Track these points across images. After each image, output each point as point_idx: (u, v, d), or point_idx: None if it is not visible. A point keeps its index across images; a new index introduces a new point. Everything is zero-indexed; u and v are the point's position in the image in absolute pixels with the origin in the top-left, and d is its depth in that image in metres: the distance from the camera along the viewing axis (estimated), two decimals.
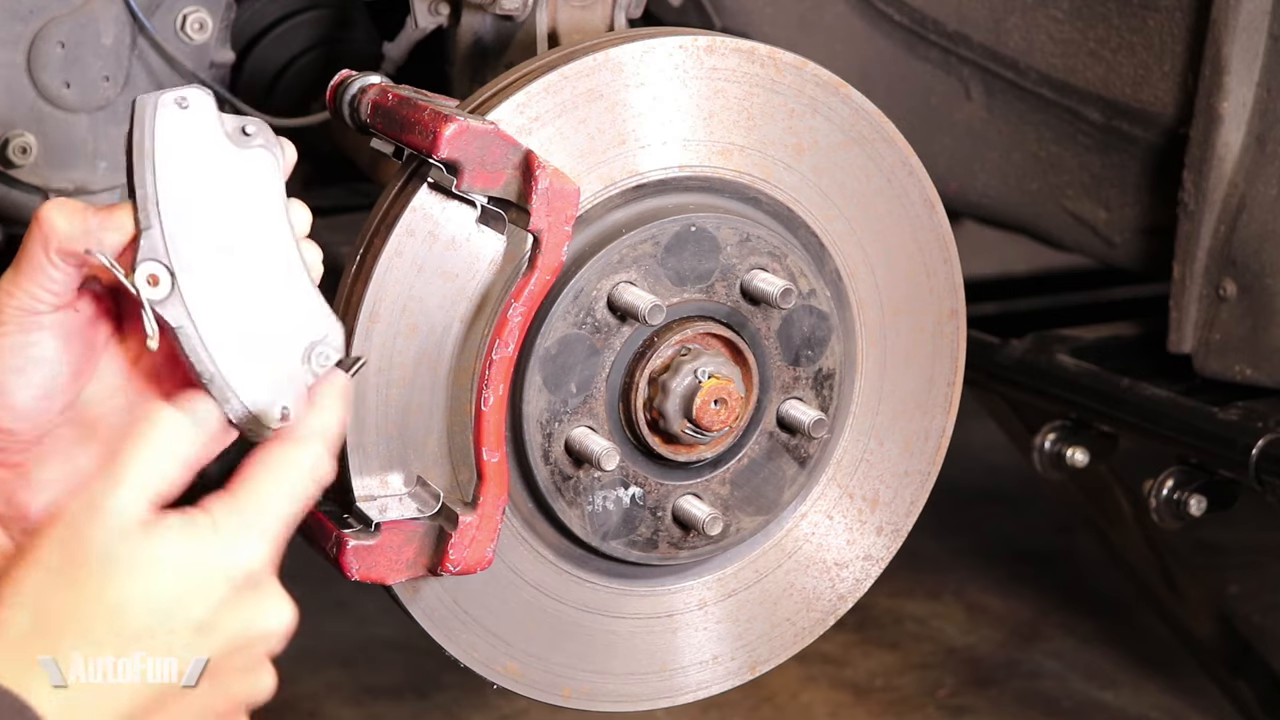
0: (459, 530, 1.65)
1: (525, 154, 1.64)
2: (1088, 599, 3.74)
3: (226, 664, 1.32)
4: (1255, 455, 2.48)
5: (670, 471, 1.78)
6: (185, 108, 1.45)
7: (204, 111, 1.46)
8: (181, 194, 1.44)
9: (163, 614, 1.29)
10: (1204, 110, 2.46)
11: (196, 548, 1.31)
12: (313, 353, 1.49)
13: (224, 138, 1.46)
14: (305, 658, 3.37)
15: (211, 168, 1.46)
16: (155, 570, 1.28)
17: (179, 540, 1.30)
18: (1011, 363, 2.82)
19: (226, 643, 1.32)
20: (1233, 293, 2.49)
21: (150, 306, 1.42)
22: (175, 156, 1.44)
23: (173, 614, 1.29)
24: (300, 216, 1.51)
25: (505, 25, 2.15)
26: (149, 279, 1.42)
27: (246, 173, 1.47)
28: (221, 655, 1.32)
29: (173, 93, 1.45)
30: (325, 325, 1.49)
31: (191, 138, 1.45)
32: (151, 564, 1.28)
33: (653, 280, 1.72)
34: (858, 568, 1.95)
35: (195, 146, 1.45)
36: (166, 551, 1.29)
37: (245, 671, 1.34)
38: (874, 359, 1.90)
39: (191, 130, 1.45)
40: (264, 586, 1.34)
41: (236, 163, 1.47)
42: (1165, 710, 3.31)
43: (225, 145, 1.46)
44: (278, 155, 1.49)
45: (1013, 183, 2.78)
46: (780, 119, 1.80)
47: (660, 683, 1.89)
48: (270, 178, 1.48)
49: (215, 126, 1.46)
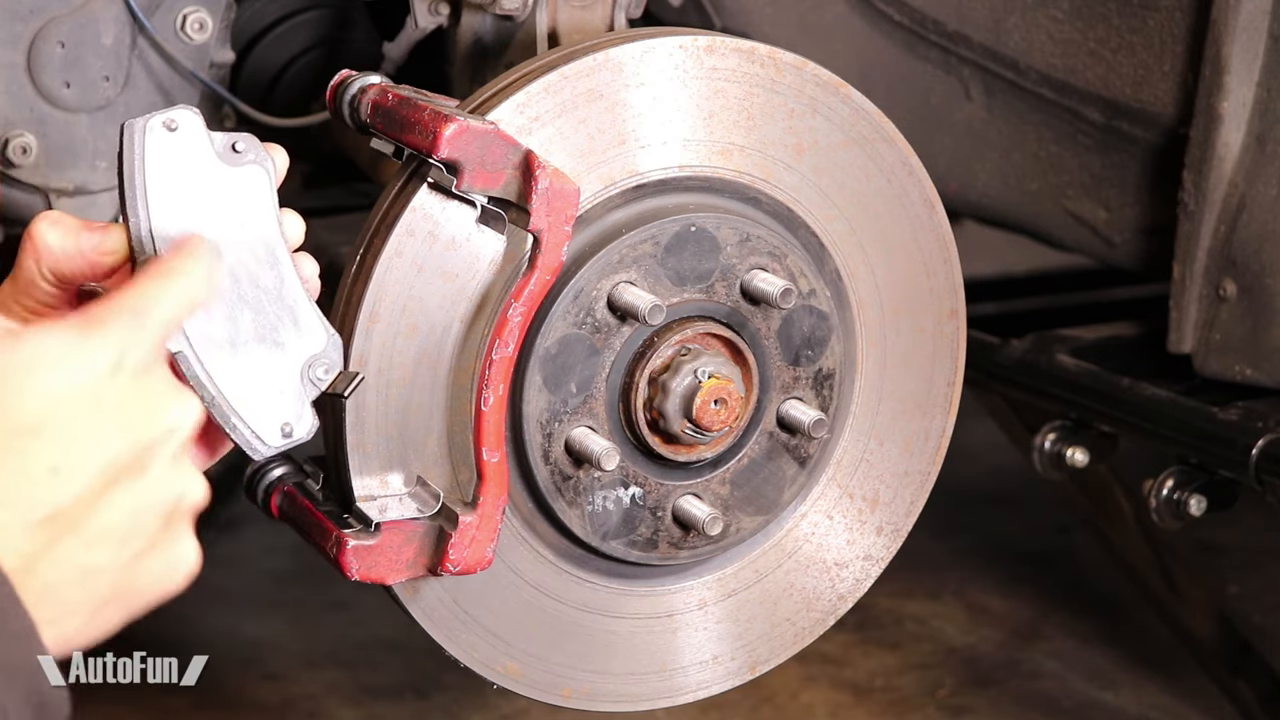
0: (459, 530, 1.65)
1: (525, 154, 1.64)
2: (1088, 599, 3.74)
3: (131, 460, 1.23)
4: (1255, 455, 2.48)
5: (670, 471, 1.78)
6: (174, 130, 1.46)
7: (193, 132, 1.46)
8: (175, 218, 1.44)
9: (50, 407, 1.20)
10: (1204, 110, 2.46)
11: (70, 338, 1.23)
12: (312, 367, 1.49)
13: (214, 157, 1.47)
14: (305, 658, 3.37)
15: (203, 188, 1.46)
16: (33, 369, 1.21)
17: (50, 336, 1.22)
18: (1011, 363, 2.82)
19: (121, 432, 1.22)
20: (1233, 293, 2.49)
21: None
22: (166, 180, 1.45)
23: (59, 406, 1.20)
24: (294, 227, 1.51)
25: (505, 25, 2.15)
26: None
27: (238, 191, 1.48)
28: (122, 452, 1.22)
29: (160, 115, 1.45)
30: (323, 340, 1.50)
31: (181, 160, 1.45)
32: (27, 364, 1.20)
33: (653, 280, 1.72)
34: (858, 568, 1.95)
35: (186, 168, 1.46)
36: (39, 349, 1.21)
37: (167, 466, 1.25)
38: (874, 359, 1.90)
39: (181, 152, 1.46)
40: (154, 377, 1.26)
41: (228, 181, 1.47)
42: (1165, 710, 3.30)
43: (216, 164, 1.47)
44: (269, 169, 1.49)
45: (1013, 183, 2.78)
46: (780, 119, 1.80)
47: (660, 683, 1.89)
48: (262, 194, 1.49)
49: (205, 146, 1.47)
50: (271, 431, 1.47)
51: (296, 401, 1.48)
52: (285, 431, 1.48)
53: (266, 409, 1.47)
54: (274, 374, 1.48)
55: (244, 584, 3.65)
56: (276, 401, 1.48)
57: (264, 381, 1.47)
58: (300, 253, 1.53)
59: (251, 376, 1.46)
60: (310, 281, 1.52)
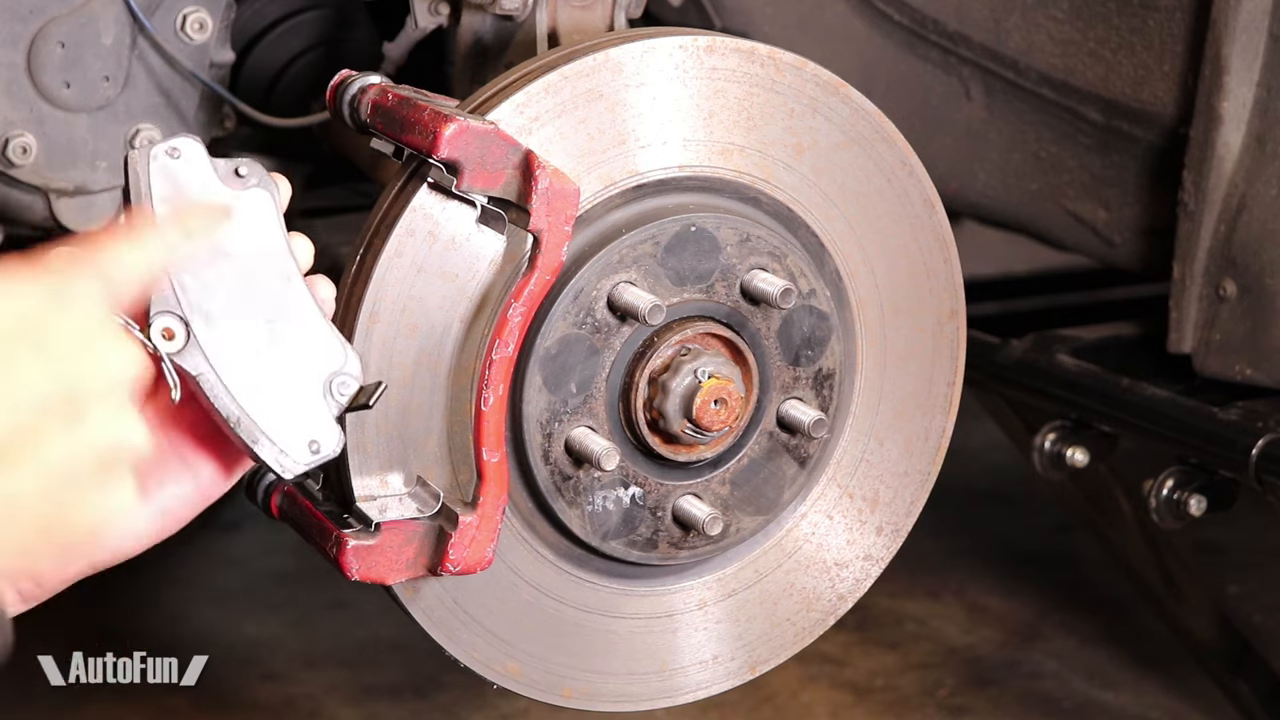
0: (459, 530, 1.65)
1: (525, 154, 1.64)
2: (1088, 599, 3.74)
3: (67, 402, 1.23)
4: (1255, 455, 2.48)
5: (670, 471, 1.78)
6: (177, 158, 1.47)
7: (196, 159, 1.47)
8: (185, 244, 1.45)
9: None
10: (1204, 110, 2.46)
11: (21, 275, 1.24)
12: (333, 383, 1.50)
13: (218, 183, 1.48)
14: (305, 658, 3.37)
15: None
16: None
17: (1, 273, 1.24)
18: (1011, 363, 2.83)
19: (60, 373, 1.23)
20: (1233, 293, 2.49)
21: (169, 359, 1.43)
22: (173, 204, 1.45)
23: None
24: (303, 250, 1.52)
25: (505, 25, 2.15)
26: (164, 332, 1.43)
27: (244, 213, 1.48)
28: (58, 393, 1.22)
29: (163, 144, 1.47)
30: (342, 355, 1.50)
31: (186, 184, 1.46)
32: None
33: (653, 280, 1.72)
34: (858, 568, 1.95)
35: (190, 192, 1.46)
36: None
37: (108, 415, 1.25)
38: (874, 359, 1.90)
39: (185, 177, 1.46)
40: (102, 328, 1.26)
41: (233, 204, 1.48)
42: (1165, 710, 3.30)
43: (220, 189, 1.48)
44: (274, 193, 1.50)
45: (1013, 183, 2.78)
46: (780, 119, 1.80)
47: (660, 683, 1.89)
48: (268, 215, 1.49)
49: (209, 172, 1.48)
50: (299, 449, 1.47)
51: (321, 418, 1.49)
52: (313, 449, 1.48)
53: (292, 427, 1.47)
54: (296, 392, 1.48)
55: (244, 584, 3.65)
56: (301, 419, 1.48)
57: (286, 400, 1.47)
58: (317, 275, 1.53)
59: (273, 395, 1.46)
60: (327, 303, 1.53)
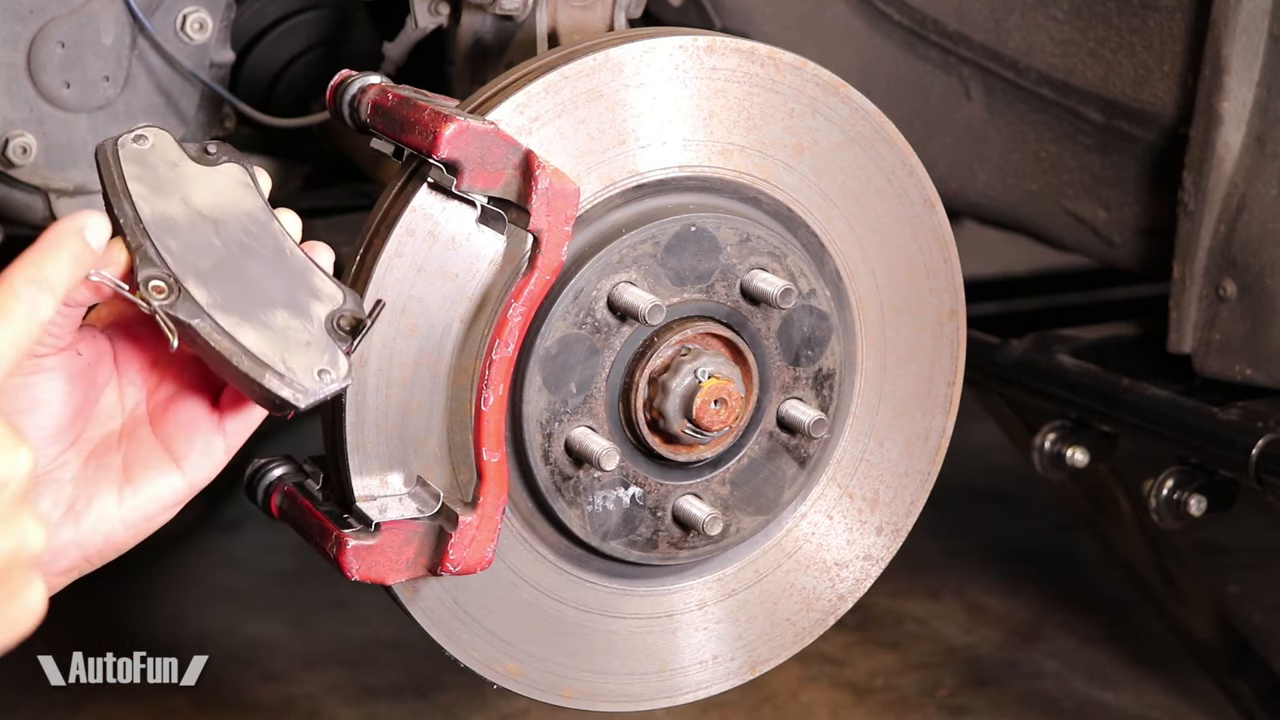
0: (459, 530, 1.65)
1: (525, 154, 1.64)
2: (1088, 599, 3.74)
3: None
4: (1255, 455, 2.48)
5: (670, 471, 1.78)
6: (145, 144, 1.52)
7: (163, 141, 1.53)
8: (162, 208, 1.49)
9: None
10: (1204, 110, 2.46)
11: None
12: (336, 319, 1.52)
13: (188, 161, 1.53)
14: (305, 658, 3.37)
15: (184, 182, 1.52)
16: None
17: None
18: (1011, 363, 2.82)
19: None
20: (1233, 293, 2.49)
21: (161, 310, 1.46)
22: (146, 180, 1.50)
23: None
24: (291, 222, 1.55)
25: (505, 25, 2.15)
26: (154, 289, 1.46)
27: (218, 183, 1.53)
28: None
29: (129, 132, 1.52)
30: (338, 293, 1.53)
31: (156, 163, 1.52)
32: None
33: (653, 280, 1.72)
34: (858, 568, 1.95)
35: (163, 169, 1.52)
36: None
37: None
38: (874, 359, 1.90)
39: (155, 157, 1.52)
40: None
41: (206, 176, 1.53)
42: (1165, 710, 3.30)
43: (191, 166, 1.53)
44: (246, 164, 1.54)
45: (1013, 183, 2.78)
46: (780, 119, 1.80)
47: (660, 683, 1.89)
48: (242, 181, 1.54)
49: (178, 153, 1.53)
50: (308, 377, 1.49)
51: (327, 350, 1.51)
52: (323, 378, 1.49)
53: (298, 360, 1.49)
54: (297, 332, 1.50)
55: (244, 584, 3.64)
56: (306, 353, 1.50)
57: (288, 339, 1.49)
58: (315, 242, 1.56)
59: (274, 335, 1.49)
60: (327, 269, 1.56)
